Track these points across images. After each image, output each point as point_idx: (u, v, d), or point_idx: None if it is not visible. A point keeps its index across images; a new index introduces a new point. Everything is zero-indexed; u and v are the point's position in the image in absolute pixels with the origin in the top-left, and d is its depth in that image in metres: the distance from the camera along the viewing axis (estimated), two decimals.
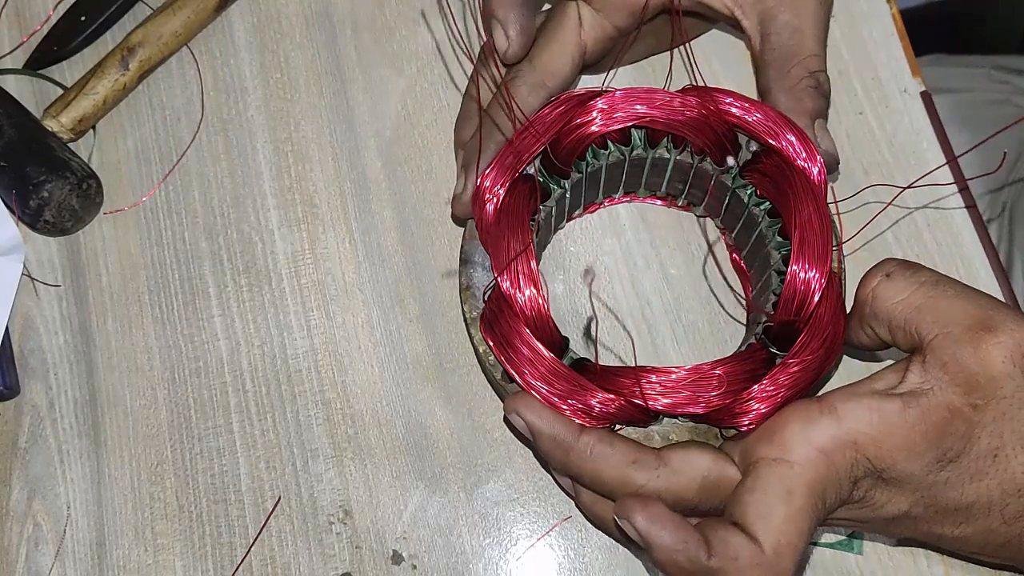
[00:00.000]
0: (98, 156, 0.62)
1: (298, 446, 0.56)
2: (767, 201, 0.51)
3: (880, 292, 0.45)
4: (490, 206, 0.50)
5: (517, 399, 0.47)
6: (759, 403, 0.46)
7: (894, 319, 0.45)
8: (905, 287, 0.45)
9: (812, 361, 0.47)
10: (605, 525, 0.49)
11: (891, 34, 0.61)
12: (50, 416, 0.57)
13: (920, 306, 0.44)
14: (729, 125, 0.51)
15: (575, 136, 0.51)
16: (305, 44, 0.63)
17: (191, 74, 0.63)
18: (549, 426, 0.47)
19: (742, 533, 0.43)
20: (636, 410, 0.47)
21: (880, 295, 0.45)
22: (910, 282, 0.45)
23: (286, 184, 0.61)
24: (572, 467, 0.47)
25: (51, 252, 0.60)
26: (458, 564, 0.54)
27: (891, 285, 0.45)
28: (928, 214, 0.57)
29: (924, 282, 0.45)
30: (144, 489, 0.56)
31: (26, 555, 0.55)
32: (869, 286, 0.46)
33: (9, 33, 0.64)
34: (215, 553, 0.55)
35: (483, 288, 0.51)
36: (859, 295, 0.47)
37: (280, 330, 0.58)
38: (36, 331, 0.59)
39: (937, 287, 0.45)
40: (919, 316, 0.44)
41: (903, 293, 0.45)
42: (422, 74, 0.62)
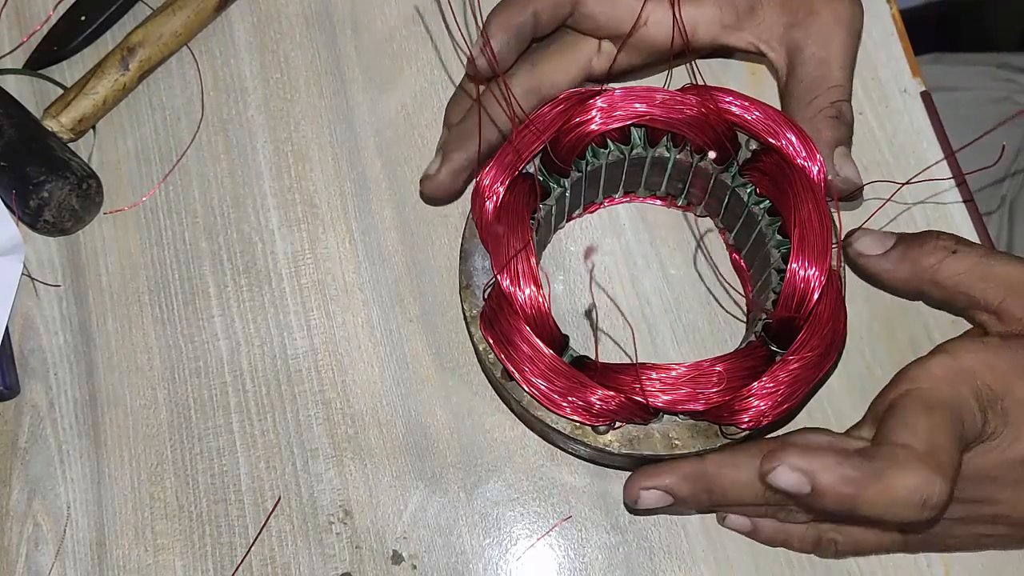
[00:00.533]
0: (98, 156, 0.62)
1: (298, 446, 0.56)
2: (767, 200, 0.51)
3: (947, 267, 0.50)
4: (490, 204, 0.50)
5: (635, 481, 0.49)
6: (759, 400, 0.46)
7: (958, 287, 0.50)
8: (967, 262, 0.49)
9: (812, 358, 0.47)
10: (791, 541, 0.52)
11: (891, 34, 0.61)
12: (50, 416, 0.57)
13: (982, 275, 0.49)
14: (728, 124, 0.51)
15: (575, 135, 0.51)
16: (305, 44, 0.63)
17: (191, 74, 0.63)
18: (677, 474, 0.49)
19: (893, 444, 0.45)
20: (636, 407, 0.47)
21: (946, 269, 0.50)
22: (971, 256, 0.50)
23: (286, 184, 0.61)
24: (715, 488, 0.48)
25: (51, 252, 0.60)
26: (458, 564, 0.54)
27: (957, 261, 0.50)
28: (927, 211, 0.57)
29: (981, 255, 0.50)
30: (144, 489, 0.56)
31: (26, 555, 0.55)
32: (933, 258, 0.50)
33: (9, 33, 0.64)
34: (215, 553, 0.55)
35: (483, 286, 0.51)
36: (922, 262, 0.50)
37: (280, 330, 0.58)
38: (36, 331, 0.59)
39: (992, 257, 0.49)
40: (981, 283, 0.49)
41: (966, 267, 0.49)
42: (422, 74, 0.62)
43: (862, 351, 0.56)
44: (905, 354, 0.55)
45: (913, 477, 0.43)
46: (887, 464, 0.43)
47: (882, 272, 0.51)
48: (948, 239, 0.50)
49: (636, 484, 0.49)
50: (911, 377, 0.47)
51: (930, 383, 0.47)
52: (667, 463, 0.49)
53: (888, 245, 0.51)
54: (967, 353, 0.47)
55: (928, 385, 0.47)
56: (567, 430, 0.48)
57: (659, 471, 0.49)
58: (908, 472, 0.43)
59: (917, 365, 0.48)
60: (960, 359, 0.47)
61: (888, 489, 0.43)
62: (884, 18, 0.61)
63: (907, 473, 0.43)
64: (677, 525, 0.54)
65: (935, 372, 0.47)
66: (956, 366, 0.47)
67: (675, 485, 0.49)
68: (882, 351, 0.56)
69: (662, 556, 0.54)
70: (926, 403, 0.46)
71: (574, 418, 0.48)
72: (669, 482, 0.49)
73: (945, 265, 0.50)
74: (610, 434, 0.48)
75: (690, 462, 0.48)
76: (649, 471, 0.49)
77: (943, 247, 0.50)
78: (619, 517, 0.54)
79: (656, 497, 0.49)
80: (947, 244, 0.50)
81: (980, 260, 0.49)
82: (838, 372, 0.55)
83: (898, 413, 0.46)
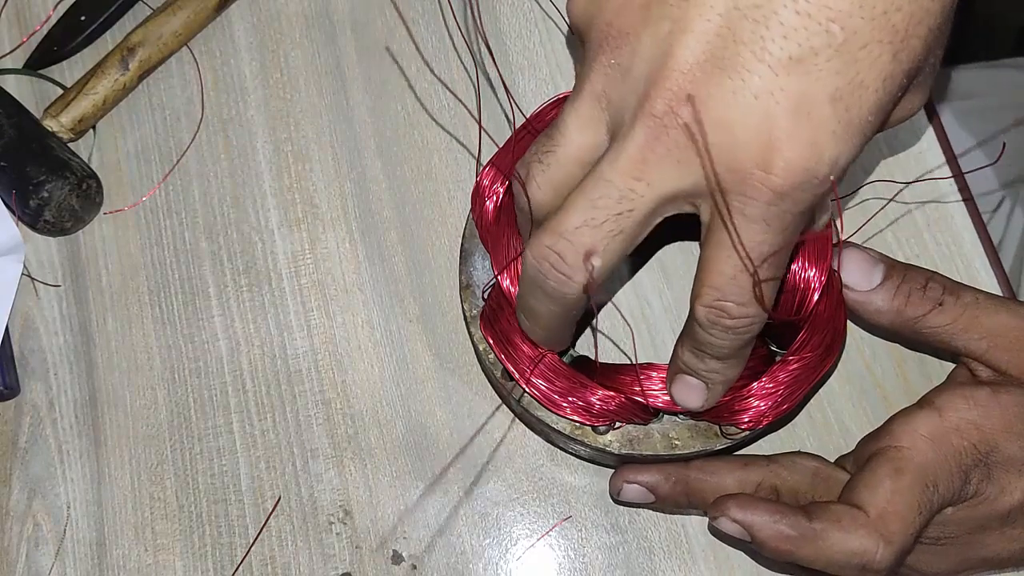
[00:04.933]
0: (98, 156, 0.62)
1: (298, 446, 0.56)
2: None
3: (932, 320, 0.48)
4: (490, 204, 0.50)
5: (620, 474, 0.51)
6: (759, 400, 0.46)
7: (940, 337, 0.49)
8: (952, 315, 0.48)
9: (812, 358, 0.47)
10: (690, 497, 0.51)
11: None
12: (50, 416, 0.57)
13: (965, 327, 0.48)
14: None
15: None
16: (305, 44, 0.63)
17: (191, 74, 0.63)
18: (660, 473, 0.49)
19: (846, 504, 0.45)
20: (636, 407, 0.47)
21: (931, 322, 0.48)
22: (956, 308, 0.48)
23: (286, 184, 0.61)
24: (694, 493, 0.49)
25: (51, 252, 0.60)
26: (458, 564, 0.54)
27: (941, 314, 0.48)
28: (928, 213, 0.57)
29: (968, 303, 0.48)
30: (144, 489, 0.56)
31: (26, 555, 0.55)
32: (918, 309, 0.48)
33: (9, 33, 0.64)
34: (215, 553, 0.55)
35: (483, 286, 0.51)
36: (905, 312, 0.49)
37: (280, 330, 0.58)
38: (36, 331, 0.59)
39: (978, 306, 0.48)
40: (964, 335, 0.48)
41: (950, 319, 0.48)
42: (422, 74, 0.62)
43: (862, 351, 0.56)
44: (905, 354, 0.55)
45: (853, 541, 0.44)
46: (828, 526, 0.44)
47: (864, 314, 0.50)
48: (936, 286, 0.49)
49: (621, 476, 0.50)
50: (894, 433, 0.47)
51: (910, 443, 0.46)
52: (655, 464, 0.50)
53: (874, 280, 0.49)
54: (955, 412, 0.47)
55: (908, 445, 0.46)
56: (567, 430, 0.48)
57: (645, 468, 0.50)
58: (849, 536, 0.44)
59: (904, 419, 0.47)
60: (947, 418, 0.46)
61: (823, 550, 0.44)
62: None
63: (848, 537, 0.44)
64: (677, 525, 0.54)
65: (920, 431, 0.46)
66: (942, 426, 0.46)
67: (657, 483, 0.50)
68: (882, 351, 0.56)
69: (662, 556, 0.54)
70: (897, 466, 0.45)
71: (574, 418, 0.48)
72: (651, 480, 0.50)
73: (930, 317, 0.48)
74: (610, 434, 0.48)
75: (675, 465, 0.49)
76: (636, 466, 0.50)
77: (930, 299, 0.48)
78: (619, 517, 0.54)
79: (637, 491, 0.50)
80: (934, 295, 0.48)
81: (965, 312, 0.48)
82: (838, 372, 0.55)
83: (867, 472, 0.46)
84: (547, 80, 0.61)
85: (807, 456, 0.50)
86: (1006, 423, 0.46)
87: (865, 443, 0.49)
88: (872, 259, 0.49)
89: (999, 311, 0.48)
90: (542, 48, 0.62)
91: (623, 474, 0.50)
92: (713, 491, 0.49)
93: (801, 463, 0.49)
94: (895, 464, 0.45)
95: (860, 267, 0.49)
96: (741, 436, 0.48)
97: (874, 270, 0.49)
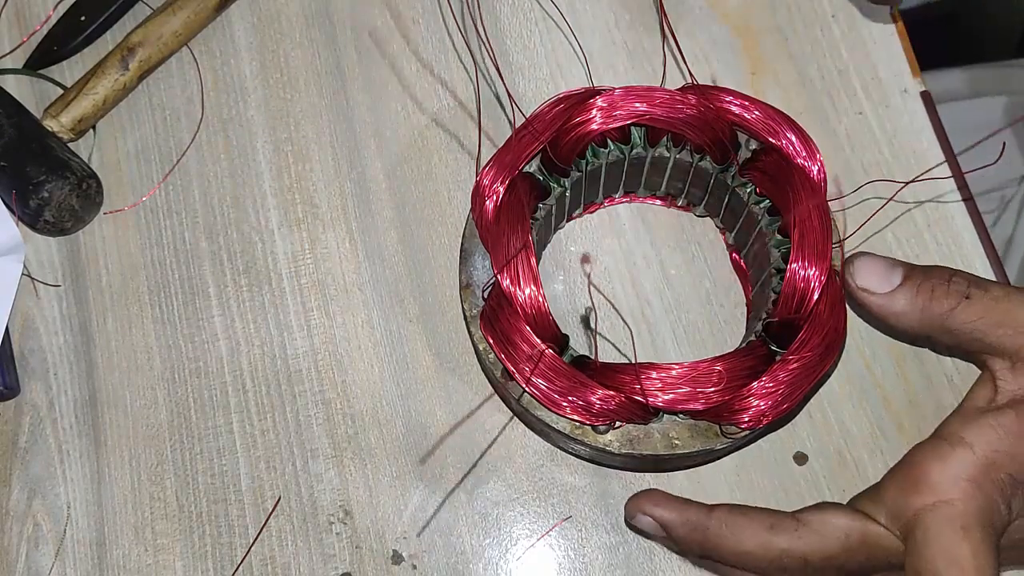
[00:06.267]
0: (98, 156, 0.62)
1: (298, 446, 0.56)
2: (767, 199, 0.51)
3: (960, 314, 0.47)
4: (490, 203, 0.50)
5: (639, 500, 0.48)
6: (759, 399, 0.46)
7: (972, 334, 0.47)
8: (982, 308, 0.46)
9: (812, 358, 0.47)
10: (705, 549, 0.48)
11: (891, 34, 0.61)
12: (50, 416, 0.57)
13: (998, 321, 0.46)
14: (728, 123, 0.51)
15: (575, 134, 0.51)
16: (305, 44, 0.63)
17: (191, 74, 0.63)
18: (679, 514, 0.47)
19: None
20: (636, 407, 0.47)
21: (960, 316, 0.47)
22: (986, 301, 0.46)
23: (286, 184, 0.61)
24: (711, 546, 0.47)
25: (51, 252, 0.60)
26: (458, 564, 0.54)
27: (971, 306, 0.46)
28: (928, 212, 0.57)
29: (998, 297, 0.46)
30: (144, 489, 0.56)
31: (26, 555, 0.55)
32: (945, 303, 0.47)
33: (9, 33, 0.64)
34: (215, 553, 0.55)
35: (483, 286, 0.51)
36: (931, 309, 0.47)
37: (280, 330, 0.58)
38: (36, 331, 0.59)
39: (1010, 299, 0.46)
40: (998, 330, 0.46)
41: (980, 313, 0.46)
42: (422, 74, 0.62)
43: (862, 351, 0.56)
44: (905, 354, 0.55)
45: None
46: None
47: (889, 316, 0.48)
48: (961, 280, 0.47)
49: (640, 504, 0.48)
50: (936, 486, 0.44)
51: (960, 494, 0.44)
52: (679, 500, 0.48)
53: (895, 281, 0.48)
54: (987, 446, 0.45)
55: (958, 497, 0.44)
56: (567, 430, 0.48)
57: (668, 502, 0.48)
58: None
59: (939, 465, 0.45)
60: (982, 452, 0.45)
61: None
62: (884, 18, 0.61)
63: None
64: None
65: (963, 477, 0.44)
66: (979, 463, 0.44)
67: (673, 524, 0.48)
68: (882, 351, 0.56)
69: (662, 556, 0.54)
70: (963, 524, 0.43)
71: (574, 418, 0.48)
72: (669, 518, 0.48)
73: (959, 312, 0.46)
74: (610, 434, 0.48)
75: (697, 510, 0.47)
76: (659, 498, 0.48)
77: (956, 292, 0.47)
78: (619, 517, 0.54)
79: (651, 524, 0.49)
80: (960, 288, 0.47)
81: (996, 304, 0.46)
82: (838, 372, 0.55)
83: (933, 540, 0.44)
84: (547, 80, 0.61)
85: (835, 512, 0.46)
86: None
87: (903, 496, 0.45)
88: (889, 262, 0.48)
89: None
90: (542, 48, 0.62)
91: (642, 503, 0.48)
92: (731, 552, 0.46)
93: (832, 523, 0.46)
94: (958, 522, 0.43)
95: (876, 271, 0.48)
96: (741, 436, 0.48)
97: (892, 272, 0.48)
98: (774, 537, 0.46)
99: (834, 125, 0.59)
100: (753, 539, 0.46)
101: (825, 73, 0.60)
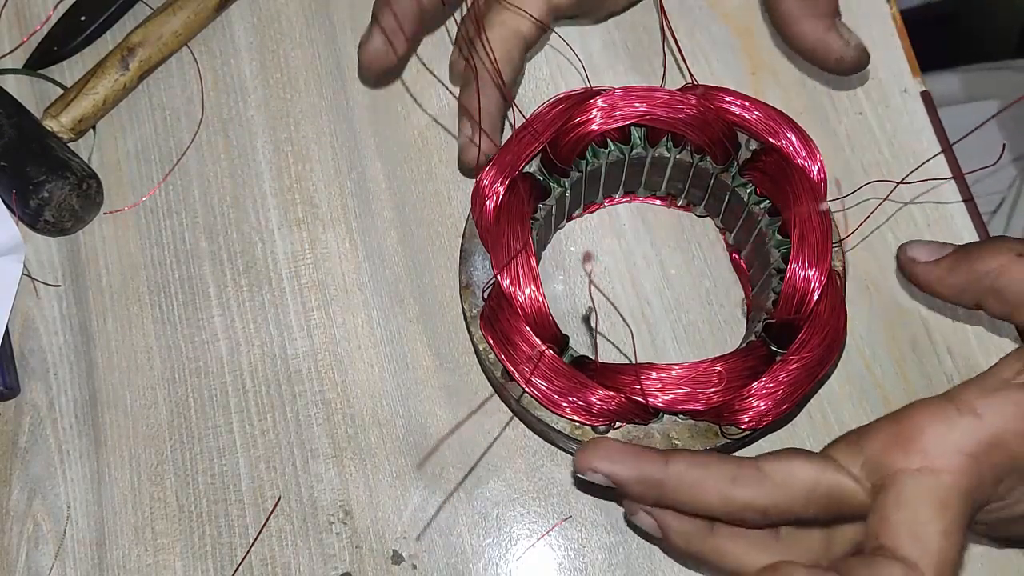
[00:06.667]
0: (98, 156, 0.62)
1: (298, 446, 0.56)
2: (767, 199, 0.51)
3: (1010, 271, 0.44)
4: (490, 204, 0.50)
5: (586, 453, 0.43)
6: (759, 400, 0.46)
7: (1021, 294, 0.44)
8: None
9: (812, 358, 0.47)
10: (703, 560, 0.46)
11: (891, 34, 0.61)
12: (50, 416, 0.57)
13: None
14: (728, 124, 0.51)
15: (575, 135, 0.51)
16: (305, 44, 0.63)
17: (191, 74, 0.63)
18: (632, 468, 0.43)
19: (895, 562, 0.40)
20: (636, 407, 0.47)
21: (1008, 273, 0.44)
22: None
23: (286, 184, 0.61)
24: (667, 500, 0.43)
25: (51, 252, 0.60)
26: (458, 564, 0.54)
27: (1022, 265, 0.44)
28: (927, 212, 0.57)
29: None
30: (144, 489, 0.56)
31: (26, 555, 0.55)
32: (995, 260, 0.45)
33: (9, 33, 0.64)
34: (215, 553, 0.55)
35: (483, 286, 0.51)
36: (978, 265, 0.45)
37: (280, 330, 0.58)
38: (36, 331, 0.59)
39: None
40: None
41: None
42: (422, 74, 0.62)
43: (862, 351, 0.56)
44: (905, 354, 0.55)
45: None
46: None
47: (934, 279, 0.46)
48: (1016, 242, 0.45)
49: (589, 459, 0.43)
50: (929, 451, 0.41)
51: (950, 466, 0.41)
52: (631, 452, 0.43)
53: (943, 253, 0.46)
54: (999, 420, 0.41)
55: (947, 468, 0.41)
56: (567, 430, 0.48)
57: (620, 457, 0.43)
58: None
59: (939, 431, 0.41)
60: (990, 425, 0.41)
61: None
62: (884, 18, 0.61)
63: None
64: None
65: (960, 448, 0.41)
66: (985, 439, 0.41)
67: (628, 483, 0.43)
68: (882, 351, 0.56)
69: (662, 556, 0.54)
70: (943, 499, 0.40)
71: (574, 418, 0.48)
72: (623, 476, 0.43)
73: (1008, 270, 0.44)
74: (610, 434, 0.48)
75: (652, 464, 0.43)
76: (610, 451, 0.43)
77: (1008, 249, 0.44)
78: (619, 517, 0.54)
79: (603, 480, 0.44)
80: (1013, 246, 0.44)
81: None
82: (838, 372, 0.55)
83: (905, 507, 0.41)
84: (547, 80, 0.61)
85: (802, 463, 0.43)
86: None
87: (888, 451, 0.42)
88: (940, 243, 0.47)
89: None
90: (542, 48, 0.62)
91: (591, 457, 0.43)
92: (690, 506, 0.43)
93: (798, 476, 0.42)
94: (939, 496, 0.40)
95: (927, 246, 0.47)
96: (741, 436, 0.48)
97: (943, 247, 0.47)
98: (736, 490, 0.42)
99: (834, 125, 0.59)
100: (714, 493, 0.42)
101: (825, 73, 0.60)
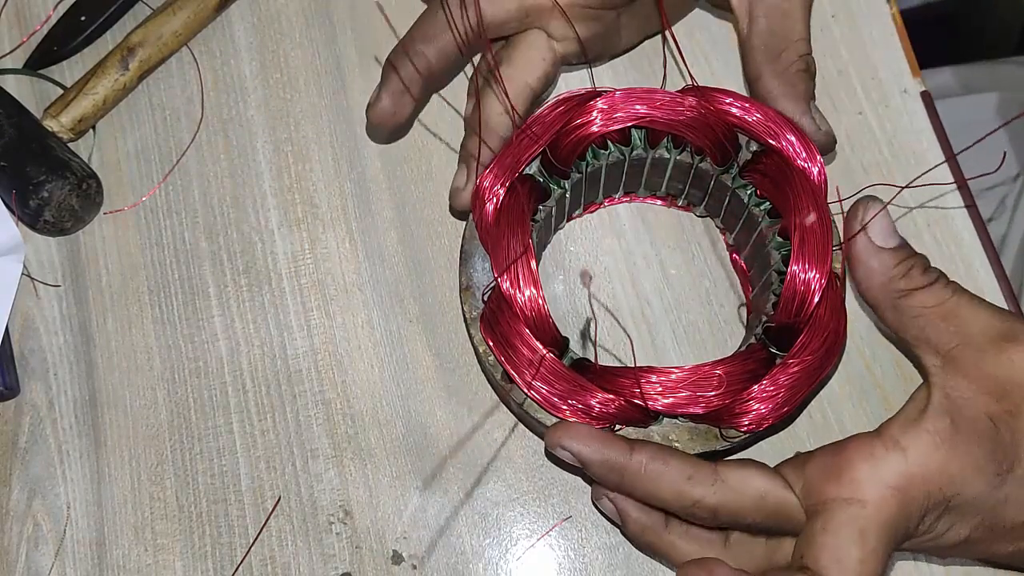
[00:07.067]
0: (98, 156, 0.62)
1: (298, 446, 0.56)
2: (767, 201, 0.51)
3: (917, 298, 0.46)
4: (490, 206, 0.50)
5: (558, 431, 0.47)
6: (759, 403, 0.46)
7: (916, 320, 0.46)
8: (937, 298, 0.46)
9: (812, 361, 0.47)
10: (655, 551, 0.50)
11: (891, 34, 0.61)
12: (50, 416, 0.57)
13: (945, 315, 0.46)
14: (729, 125, 0.51)
15: (575, 136, 0.51)
16: (305, 44, 0.63)
17: (191, 74, 0.63)
18: (598, 452, 0.46)
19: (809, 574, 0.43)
20: (636, 410, 0.47)
21: (917, 300, 0.46)
22: (945, 292, 0.46)
23: (286, 184, 0.61)
24: (626, 487, 0.47)
25: (51, 252, 0.60)
26: (458, 564, 0.54)
27: (927, 294, 0.46)
28: (928, 214, 0.57)
29: (957, 291, 0.46)
30: (144, 489, 0.56)
31: (26, 555, 0.55)
32: (906, 283, 0.47)
33: (9, 33, 0.64)
34: (215, 553, 0.55)
35: (483, 288, 0.51)
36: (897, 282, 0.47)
37: (280, 330, 0.58)
38: (36, 331, 0.59)
39: (962, 301, 0.46)
40: (940, 323, 0.46)
41: (933, 302, 0.46)
42: None
43: (862, 352, 0.56)
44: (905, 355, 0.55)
45: None
46: None
47: (863, 268, 0.48)
48: (936, 272, 0.47)
49: (560, 437, 0.47)
50: (858, 484, 0.44)
51: (875, 498, 0.44)
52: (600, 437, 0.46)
53: (889, 242, 0.47)
54: (922, 456, 0.44)
55: (872, 500, 0.44)
56: None
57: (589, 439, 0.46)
58: None
59: (869, 467, 0.44)
60: (914, 463, 0.44)
61: None
62: (884, 18, 0.61)
63: None
64: None
65: (887, 483, 0.44)
66: (910, 474, 0.44)
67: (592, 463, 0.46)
68: (882, 352, 0.56)
69: None
70: (862, 527, 0.43)
71: (573, 420, 0.48)
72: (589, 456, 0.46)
73: (917, 295, 0.46)
74: None
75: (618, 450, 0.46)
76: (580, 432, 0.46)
77: (927, 277, 0.47)
78: None
79: (570, 458, 0.47)
80: (931, 276, 0.47)
81: (950, 299, 0.46)
82: (838, 374, 0.55)
83: (830, 534, 0.44)
84: None
85: (756, 472, 0.46)
86: (973, 461, 0.44)
87: (822, 480, 0.45)
88: (895, 228, 0.48)
89: (980, 312, 0.46)
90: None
91: (562, 436, 0.47)
92: (645, 495, 0.46)
93: (749, 481, 0.46)
94: (859, 525, 0.43)
95: (885, 227, 0.48)
96: (741, 438, 0.48)
97: (894, 236, 0.48)
98: (690, 488, 0.45)
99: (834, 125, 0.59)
100: (669, 487, 0.46)
101: (825, 73, 0.60)
